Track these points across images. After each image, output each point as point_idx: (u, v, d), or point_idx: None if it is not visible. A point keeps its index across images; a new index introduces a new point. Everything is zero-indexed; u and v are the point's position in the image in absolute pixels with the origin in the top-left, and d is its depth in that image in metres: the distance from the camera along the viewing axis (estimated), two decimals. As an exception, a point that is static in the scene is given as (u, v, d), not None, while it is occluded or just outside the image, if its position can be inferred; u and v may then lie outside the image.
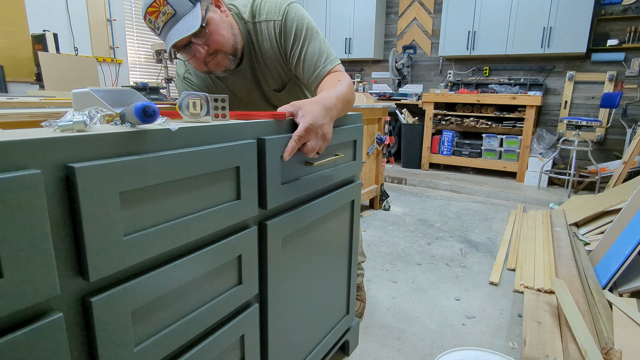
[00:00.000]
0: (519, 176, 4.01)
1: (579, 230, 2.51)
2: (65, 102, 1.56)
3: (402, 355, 1.34)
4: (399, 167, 4.73)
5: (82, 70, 2.84)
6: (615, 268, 1.69)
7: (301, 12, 1.07)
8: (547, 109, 4.33)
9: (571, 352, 1.24)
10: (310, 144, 0.81)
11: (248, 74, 1.15)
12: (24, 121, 1.15)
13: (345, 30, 5.13)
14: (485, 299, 1.73)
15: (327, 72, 1.05)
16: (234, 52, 1.03)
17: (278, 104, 1.24)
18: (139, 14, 4.31)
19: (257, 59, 1.12)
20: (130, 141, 0.52)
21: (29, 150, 0.42)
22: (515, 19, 4.05)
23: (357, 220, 1.21)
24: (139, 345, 0.56)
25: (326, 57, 1.06)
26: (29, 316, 0.44)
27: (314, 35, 1.06)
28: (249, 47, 1.10)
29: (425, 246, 2.35)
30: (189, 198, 0.61)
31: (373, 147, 2.86)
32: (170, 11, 0.89)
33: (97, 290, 0.51)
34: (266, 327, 0.85)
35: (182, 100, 0.67)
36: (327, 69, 1.05)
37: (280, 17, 1.05)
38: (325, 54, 1.06)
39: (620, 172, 2.99)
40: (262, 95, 1.22)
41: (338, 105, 0.92)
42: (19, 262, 0.41)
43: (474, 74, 4.70)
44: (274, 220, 0.81)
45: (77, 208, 0.46)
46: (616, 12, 3.81)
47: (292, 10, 1.05)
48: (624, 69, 3.87)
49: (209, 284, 0.68)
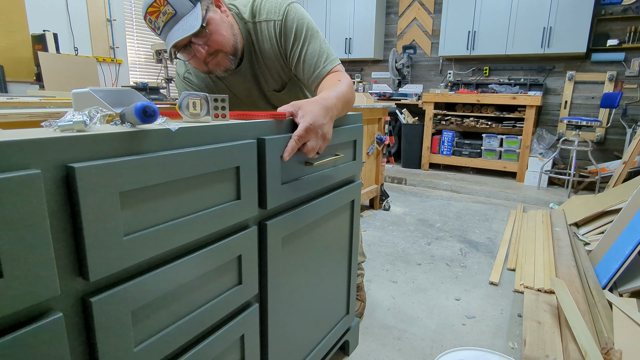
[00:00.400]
0: (519, 176, 4.01)
1: (579, 230, 2.51)
2: (65, 102, 1.56)
3: (402, 355, 1.34)
4: (399, 167, 4.73)
5: (82, 70, 2.84)
6: (615, 268, 1.69)
7: (301, 12, 1.07)
8: (547, 109, 4.33)
9: (571, 352, 1.24)
10: (310, 144, 0.81)
11: (248, 74, 1.15)
12: (24, 121, 1.15)
13: (345, 30, 5.13)
14: (485, 299, 1.73)
15: (327, 72, 1.05)
16: (234, 52, 1.03)
17: (278, 104, 1.24)
18: (139, 14, 4.31)
19: (257, 58, 1.12)
20: (130, 141, 0.52)
21: (29, 150, 0.42)
22: (515, 19, 4.05)
23: (357, 220, 1.21)
24: (139, 345, 0.56)
25: (326, 57, 1.06)
26: (29, 316, 0.44)
27: (314, 35, 1.06)
28: (249, 47, 1.10)
29: (425, 246, 2.35)
30: (189, 198, 0.61)
31: (373, 147, 2.86)
32: (171, 11, 0.89)
33: (97, 290, 0.51)
34: (266, 327, 0.85)
35: (182, 100, 0.67)
36: (327, 69, 1.05)
37: (280, 17, 1.05)
38: (325, 54, 1.06)
39: (620, 172, 2.99)
40: (262, 95, 1.22)
41: (338, 105, 0.92)
42: (19, 262, 0.41)
43: (474, 74, 4.70)
44: (274, 220, 0.81)
45: (77, 208, 0.46)
46: (616, 12, 3.81)
47: (292, 10, 1.05)
48: (624, 69, 3.87)
49: (209, 284, 0.68)
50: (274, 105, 1.25)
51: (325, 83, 1.04)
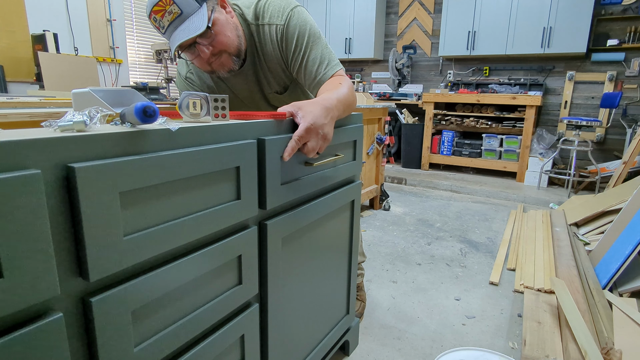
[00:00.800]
0: (519, 176, 4.01)
1: (579, 230, 2.51)
2: (65, 102, 1.56)
3: (402, 355, 1.34)
4: (399, 167, 4.73)
5: (82, 70, 2.84)
6: (615, 268, 1.69)
7: (304, 17, 1.06)
8: (547, 109, 4.33)
9: (571, 352, 1.24)
10: (310, 144, 0.81)
11: (250, 75, 1.15)
12: (24, 121, 1.15)
13: (345, 30, 5.13)
14: (485, 299, 1.73)
15: (328, 77, 1.05)
16: (237, 53, 1.03)
17: (279, 106, 1.24)
18: (139, 14, 4.31)
19: (259, 60, 1.12)
20: (130, 141, 0.52)
21: (29, 150, 0.42)
22: (515, 19, 4.05)
23: (357, 220, 1.21)
24: (139, 346, 0.56)
25: (327, 63, 1.06)
26: (29, 316, 0.44)
27: (315, 41, 1.06)
28: (252, 49, 1.10)
29: (425, 246, 2.35)
30: (189, 198, 0.61)
31: (373, 147, 2.86)
32: (177, 11, 0.89)
33: (97, 290, 0.51)
34: (266, 327, 0.85)
35: (182, 100, 0.67)
36: (328, 75, 1.05)
37: (283, 22, 1.05)
38: (326, 60, 1.06)
39: (620, 172, 2.99)
40: (263, 97, 1.22)
41: (339, 106, 0.92)
42: (19, 262, 0.41)
43: (474, 74, 4.70)
44: (274, 220, 0.81)
45: (77, 208, 0.46)
46: (616, 12, 3.81)
47: (295, 16, 1.05)
48: (624, 69, 3.87)
49: (209, 284, 0.68)
50: (275, 107, 1.25)
51: (326, 86, 1.04)
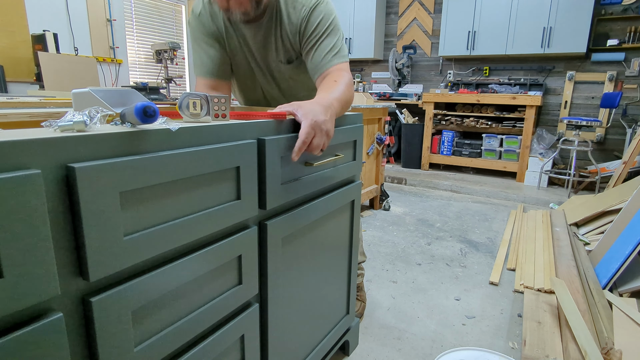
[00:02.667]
0: (519, 176, 4.01)
1: (579, 230, 2.51)
2: (65, 102, 1.56)
3: (402, 355, 1.34)
4: (399, 167, 4.73)
5: (82, 70, 2.84)
6: (615, 268, 1.69)
7: (331, 7, 1.11)
8: (547, 109, 4.33)
9: (571, 352, 1.24)
10: (315, 141, 0.81)
11: (263, 33, 1.15)
12: (24, 121, 1.15)
13: (345, 30, 5.13)
14: (485, 299, 1.73)
15: (332, 65, 1.08)
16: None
17: (276, 81, 1.25)
18: (139, 13, 4.31)
19: (276, 25, 1.14)
20: (130, 141, 0.52)
21: (29, 150, 0.42)
22: (515, 19, 4.05)
23: (357, 220, 1.21)
24: (139, 345, 0.56)
25: (337, 52, 1.09)
26: (29, 316, 0.44)
27: (334, 31, 1.10)
28: (274, 11, 1.12)
29: (425, 246, 2.35)
30: (189, 198, 0.61)
31: (373, 147, 2.86)
32: None
33: (97, 290, 0.51)
34: (266, 327, 0.85)
35: (182, 100, 0.67)
36: (334, 63, 1.08)
37: (312, 4, 1.09)
38: (337, 48, 1.10)
39: (620, 172, 2.99)
40: (265, 63, 1.22)
41: (337, 104, 0.94)
42: (19, 262, 0.41)
43: (474, 74, 4.70)
44: (274, 221, 0.81)
45: (77, 208, 0.46)
46: (616, 12, 3.81)
47: (324, 3, 1.10)
48: (624, 69, 3.87)
49: (209, 284, 0.68)
50: (273, 77, 1.24)
51: (323, 84, 1.06)
